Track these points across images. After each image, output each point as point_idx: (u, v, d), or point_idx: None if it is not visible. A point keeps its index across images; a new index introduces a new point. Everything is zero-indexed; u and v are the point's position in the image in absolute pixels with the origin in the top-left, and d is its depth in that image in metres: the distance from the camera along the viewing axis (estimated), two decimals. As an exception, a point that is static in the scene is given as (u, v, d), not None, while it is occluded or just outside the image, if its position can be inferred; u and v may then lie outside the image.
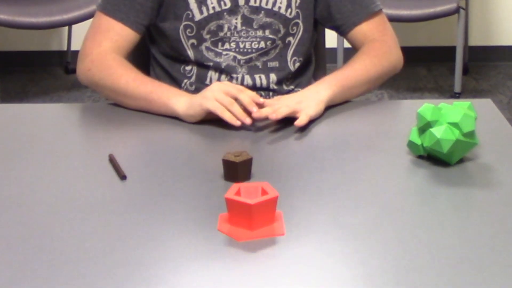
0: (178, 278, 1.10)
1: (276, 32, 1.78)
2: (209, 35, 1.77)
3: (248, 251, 1.18)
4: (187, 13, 1.75)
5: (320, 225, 1.24)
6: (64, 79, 4.44)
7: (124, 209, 1.30)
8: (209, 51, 1.79)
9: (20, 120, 1.71)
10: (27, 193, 1.37)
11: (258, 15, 1.75)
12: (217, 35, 1.77)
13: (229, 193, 1.24)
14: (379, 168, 1.45)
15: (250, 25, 1.76)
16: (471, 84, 4.25)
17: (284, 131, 1.62)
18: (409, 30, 4.52)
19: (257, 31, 1.77)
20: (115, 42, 1.74)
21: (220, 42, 1.78)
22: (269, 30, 1.77)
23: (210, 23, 1.75)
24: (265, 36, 1.77)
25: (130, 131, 1.63)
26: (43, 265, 1.14)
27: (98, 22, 1.77)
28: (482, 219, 1.27)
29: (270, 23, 1.76)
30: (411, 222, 1.26)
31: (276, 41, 1.79)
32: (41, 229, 1.24)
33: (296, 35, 1.81)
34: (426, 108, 1.43)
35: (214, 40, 1.77)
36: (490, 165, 1.46)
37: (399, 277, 1.10)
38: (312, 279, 1.10)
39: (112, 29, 1.75)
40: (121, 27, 1.75)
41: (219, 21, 1.75)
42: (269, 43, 1.79)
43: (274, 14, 1.76)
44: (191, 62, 1.81)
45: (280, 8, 1.76)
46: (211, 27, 1.76)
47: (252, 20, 1.76)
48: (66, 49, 4.51)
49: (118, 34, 1.75)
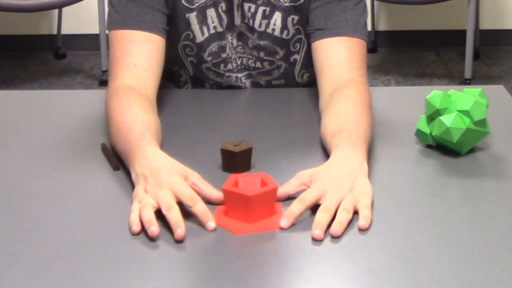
0: (174, 273, 1.10)
1: (273, 54, 1.73)
2: (210, 57, 1.72)
3: (247, 244, 1.18)
4: (187, 33, 1.69)
5: (324, 218, 1.24)
6: (54, 64, 4.43)
7: (117, 201, 1.30)
8: (210, 72, 1.75)
9: (7, 108, 1.71)
10: (15, 184, 1.37)
11: (253, 35, 1.71)
12: (219, 57, 1.72)
13: (226, 184, 1.23)
14: (385, 158, 1.45)
15: (246, 43, 1.71)
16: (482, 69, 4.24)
17: (285, 121, 1.62)
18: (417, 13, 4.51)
19: (252, 51, 1.72)
20: (134, 67, 1.57)
21: (222, 64, 1.74)
22: (263, 52, 1.72)
23: (211, 44, 1.70)
24: (260, 57, 1.73)
25: (124, 119, 1.62)
26: (32, 260, 1.14)
27: (115, 43, 1.61)
28: (494, 211, 1.27)
29: (264, 45, 1.71)
30: (419, 215, 1.26)
31: (275, 62, 1.75)
32: (29, 222, 1.24)
33: (300, 51, 1.74)
34: (435, 95, 1.43)
35: (216, 62, 1.73)
36: (503, 155, 1.46)
37: (407, 273, 1.10)
38: (314, 275, 1.10)
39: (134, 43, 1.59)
40: (149, 36, 1.60)
41: (221, 41, 1.71)
42: (266, 64, 1.74)
43: (267, 36, 1.70)
44: (187, 76, 1.79)
45: (274, 30, 1.69)
46: (212, 48, 1.71)
47: (248, 38, 1.71)
48: (56, 33, 4.50)
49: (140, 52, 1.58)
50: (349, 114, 1.45)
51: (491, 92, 1.72)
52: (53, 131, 1.58)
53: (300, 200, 1.24)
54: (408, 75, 4.19)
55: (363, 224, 1.21)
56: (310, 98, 1.72)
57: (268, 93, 1.77)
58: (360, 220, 1.22)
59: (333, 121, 1.45)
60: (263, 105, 1.71)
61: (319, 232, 1.19)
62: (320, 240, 1.18)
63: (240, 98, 1.76)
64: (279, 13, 1.68)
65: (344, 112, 1.46)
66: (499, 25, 4.49)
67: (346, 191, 1.26)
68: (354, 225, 1.22)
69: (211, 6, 1.67)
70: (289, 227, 1.22)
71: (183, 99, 1.76)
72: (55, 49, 4.51)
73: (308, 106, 1.68)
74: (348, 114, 1.45)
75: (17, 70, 4.31)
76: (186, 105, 1.72)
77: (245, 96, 1.77)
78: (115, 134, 1.44)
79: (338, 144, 1.37)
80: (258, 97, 1.76)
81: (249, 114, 1.67)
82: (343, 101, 1.50)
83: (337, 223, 1.20)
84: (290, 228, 1.22)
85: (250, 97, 1.77)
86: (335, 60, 1.59)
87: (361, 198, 1.25)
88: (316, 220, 1.21)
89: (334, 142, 1.38)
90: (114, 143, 1.44)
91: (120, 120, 1.44)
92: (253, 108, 1.70)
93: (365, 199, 1.26)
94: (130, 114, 1.45)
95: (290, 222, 1.22)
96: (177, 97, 1.76)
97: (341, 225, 1.20)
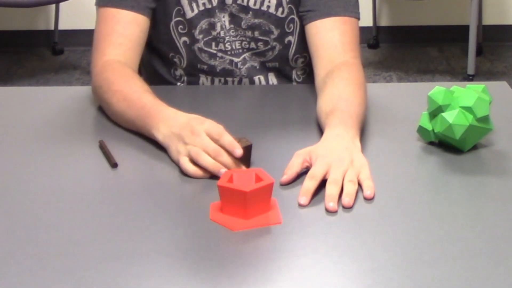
0: (173, 271, 1.10)
1: (267, 33, 1.76)
2: (201, 35, 1.75)
3: (245, 241, 1.18)
4: (178, 8, 1.74)
5: (321, 215, 1.24)
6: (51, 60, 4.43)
7: (115, 198, 1.30)
8: (203, 53, 1.78)
9: (4, 104, 1.71)
10: (11, 180, 1.37)
11: (247, 15, 1.74)
12: (209, 34, 1.75)
13: (221, 180, 1.24)
14: (387, 155, 1.45)
15: (238, 24, 1.74)
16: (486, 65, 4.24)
17: (282, 115, 1.62)
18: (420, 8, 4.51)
19: (246, 31, 1.75)
20: (120, 46, 1.67)
21: (213, 42, 1.77)
22: (258, 32, 1.75)
23: (201, 21, 1.74)
24: (255, 37, 1.76)
25: (122, 116, 1.63)
26: (29, 258, 1.14)
27: (102, 20, 1.71)
28: (497, 208, 1.27)
29: (259, 23, 1.74)
30: (421, 212, 1.26)
31: (270, 42, 1.77)
32: (27, 220, 1.24)
33: (294, 33, 1.78)
34: (437, 92, 1.43)
35: (207, 40, 1.76)
36: (506, 152, 1.46)
37: (409, 272, 1.10)
38: (314, 272, 1.10)
39: (119, 23, 1.68)
40: (133, 16, 1.69)
41: (211, 18, 1.74)
42: (261, 44, 1.77)
43: (262, 14, 1.74)
44: (180, 67, 1.80)
45: (269, 7, 1.73)
46: (202, 25, 1.75)
47: (241, 19, 1.74)
48: (53, 28, 4.50)
49: (124, 33, 1.67)
50: (342, 94, 1.53)
51: (494, 88, 1.72)
52: (50, 128, 1.58)
53: (311, 177, 1.31)
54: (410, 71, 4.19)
55: (369, 193, 1.30)
56: (307, 95, 1.72)
57: (265, 90, 1.77)
58: (365, 190, 1.31)
59: (326, 102, 1.53)
60: (261, 102, 1.71)
61: (333, 204, 1.26)
62: (335, 212, 1.26)
63: (237, 94, 1.76)
64: None
65: (337, 93, 1.54)
66: (502, 20, 4.49)
67: (348, 164, 1.33)
68: (354, 223, 1.23)
69: None
70: (308, 203, 1.28)
71: (179, 96, 1.76)
72: (52, 45, 4.51)
73: (306, 103, 1.68)
74: (341, 95, 1.53)
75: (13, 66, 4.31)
76: (183, 101, 1.72)
77: (242, 93, 1.77)
78: (122, 102, 1.51)
79: (331, 123, 1.45)
80: (256, 93, 1.76)
81: (246, 111, 1.67)
82: (336, 82, 1.57)
83: (347, 194, 1.28)
84: (289, 223, 1.22)
85: (247, 94, 1.77)
86: (330, 44, 1.67)
87: (361, 170, 1.34)
88: (328, 193, 1.28)
89: (328, 121, 1.46)
90: (122, 110, 1.51)
91: (126, 88, 1.54)
92: (250, 105, 1.71)
93: (364, 170, 1.34)
94: (136, 83, 1.56)
95: (308, 198, 1.28)
96: (173, 94, 1.76)
97: (351, 196, 1.28)
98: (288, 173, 1.34)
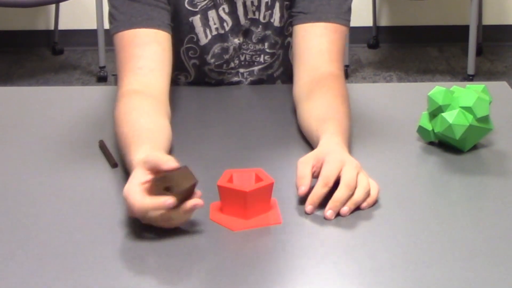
0: (173, 271, 1.10)
1: (273, 46, 1.76)
2: (213, 59, 1.73)
3: (245, 241, 1.18)
4: (191, 36, 1.70)
5: (321, 215, 1.24)
6: (51, 60, 4.43)
7: (115, 198, 1.30)
8: (212, 72, 1.77)
9: (4, 104, 1.71)
10: (12, 181, 1.37)
11: (257, 29, 1.72)
12: (222, 58, 1.74)
13: (221, 180, 1.24)
14: (387, 156, 1.45)
15: (250, 38, 1.74)
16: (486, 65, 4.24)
17: (281, 115, 1.62)
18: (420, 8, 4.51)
19: (256, 45, 1.75)
20: (139, 70, 1.55)
21: (225, 64, 1.75)
22: (267, 43, 1.75)
23: (214, 46, 1.72)
24: (264, 50, 1.75)
25: (122, 116, 1.62)
26: (29, 258, 1.14)
27: (119, 48, 1.59)
28: (497, 209, 1.27)
29: (268, 36, 1.73)
30: (421, 212, 1.26)
31: (276, 53, 1.77)
32: (26, 219, 1.24)
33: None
34: (437, 92, 1.43)
35: (219, 64, 1.75)
36: (506, 152, 1.46)
37: (409, 272, 1.10)
38: (315, 273, 1.10)
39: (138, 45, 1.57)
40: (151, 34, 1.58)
41: (224, 43, 1.72)
42: (268, 58, 1.77)
43: (270, 26, 1.73)
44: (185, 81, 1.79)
45: (275, 20, 1.72)
46: (215, 50, 1.72)
47: (252, 32, 1.73)
48: (53, 28, 4.50)
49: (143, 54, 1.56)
50: (332, 104, 1.50)
51: (494, 88, 1.72)
52: (50, 128, 1.58)
53: (324, 184, 1.27)
54: (410, 71, 4.19)
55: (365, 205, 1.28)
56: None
57: (265, 90, 1.77)
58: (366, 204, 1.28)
59: (317, 108, 1.50)
60: (261, 102, 1.71)
61: (347, 209, 1.25)
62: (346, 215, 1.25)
63: (237, 95, 1.76)
64: (278, 2, 1.70)
65: (326, 103, 1.51)
66: (503, 20, 4.49)
67: (358, 167, 1.29)
68: (355, 223, 1.23)
69: (212, 8, 1.68)
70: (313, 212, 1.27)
71: (181, 96, 1.76)
72: (52, 45, 4.51)
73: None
74: (331, 105, 1.50)
75: (13, 66, 4.31)
76: (184, 102, 1.72)
77: (242, 93, 1.77)
78: (120, 143, 1.41)
79: (329, 129, 1.41)
80: (255, 94, 1.76)
81: (246, 111, 1.67)
82: (324, 92, 1.54)
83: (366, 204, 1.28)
84: (289, 223, 1.22)
85: (247, 94, 1.77)
86: (317, 50, 1.63)
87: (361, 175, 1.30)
88: (337, 197, 1.25)
89: (325, 127, 1.42)
90: (119, 149, 1.42)
91: (119, 130, 1.43)
92: (250, 105, 1.71)
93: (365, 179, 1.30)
94: (128, 123, 1.43)
95: (315, 207, 1.26)
96: (175, 95, 1.76)
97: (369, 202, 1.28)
98: (305, 183, 1.28)
